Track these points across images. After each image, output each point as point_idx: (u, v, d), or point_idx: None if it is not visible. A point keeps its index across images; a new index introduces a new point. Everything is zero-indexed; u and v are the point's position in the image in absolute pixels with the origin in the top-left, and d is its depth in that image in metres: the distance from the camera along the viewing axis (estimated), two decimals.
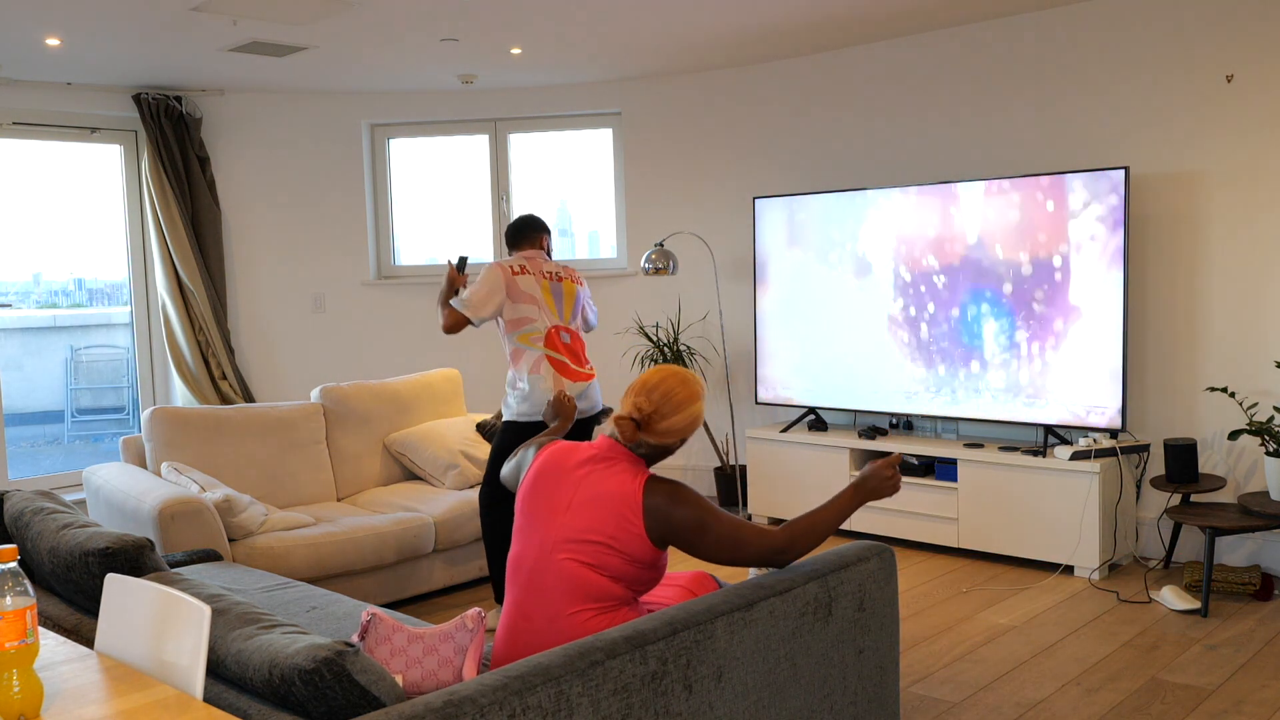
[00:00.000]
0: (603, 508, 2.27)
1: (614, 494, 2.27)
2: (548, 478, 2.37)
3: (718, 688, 2.05)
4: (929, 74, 5.29)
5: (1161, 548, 4.70)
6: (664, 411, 2.35)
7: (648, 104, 6.23)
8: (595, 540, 2.26)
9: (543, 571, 2.29)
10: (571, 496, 2.31)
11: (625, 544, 2.26)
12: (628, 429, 2.34)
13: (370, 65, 5.55)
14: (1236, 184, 4.45)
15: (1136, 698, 3.30)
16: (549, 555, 2.28)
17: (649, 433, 2.35)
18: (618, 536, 2.25)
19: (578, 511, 2.29)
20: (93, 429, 6.88)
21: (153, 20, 4.51)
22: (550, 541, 2.29)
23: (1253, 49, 4.36)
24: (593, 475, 2.32)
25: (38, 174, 6.03)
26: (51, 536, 2.47)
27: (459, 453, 4.79)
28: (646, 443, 2.36)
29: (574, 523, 2.28)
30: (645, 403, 2.35)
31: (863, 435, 5.24)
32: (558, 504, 2.32)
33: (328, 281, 6.44)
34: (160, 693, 1.67)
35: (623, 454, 2.35)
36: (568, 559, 2.26)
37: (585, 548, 2.26)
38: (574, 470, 2.35)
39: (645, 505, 2.25)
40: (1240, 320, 4.47)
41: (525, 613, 2.31)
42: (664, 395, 2.35)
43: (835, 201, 5.30)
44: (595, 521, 2.26)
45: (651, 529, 2.25)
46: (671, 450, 2.41)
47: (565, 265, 4.21)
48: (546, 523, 2.31)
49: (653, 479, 2.29)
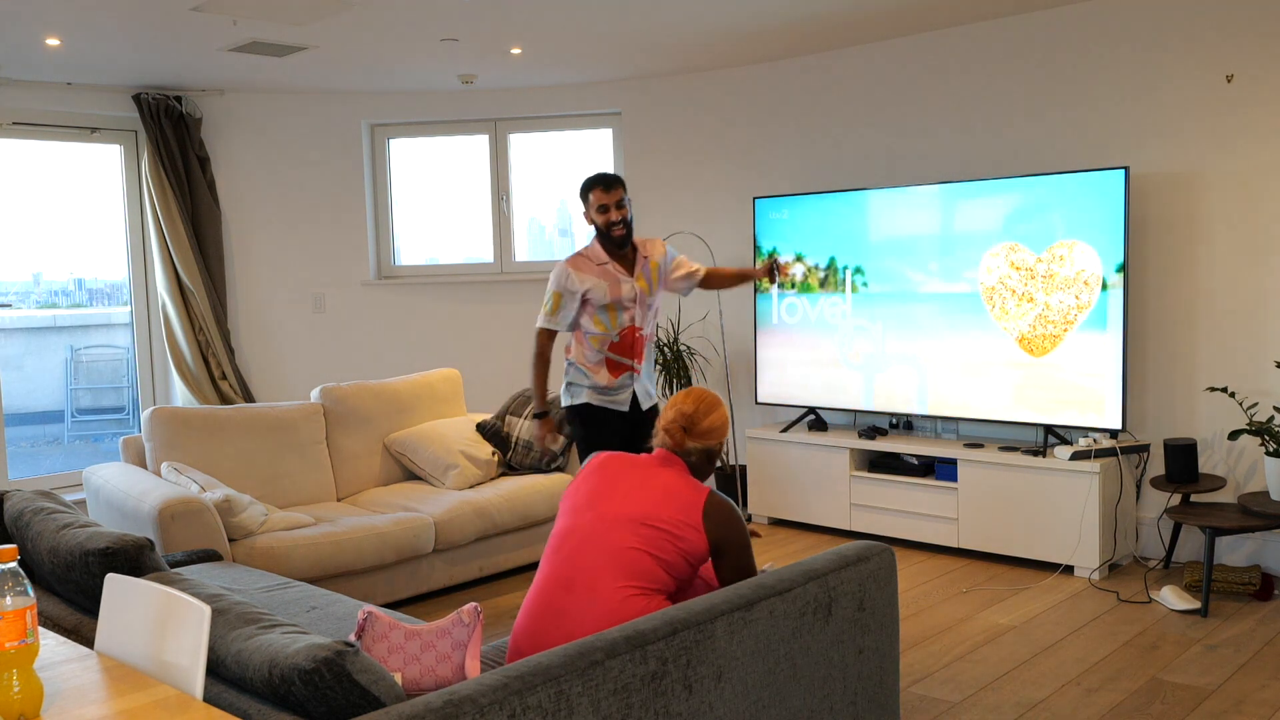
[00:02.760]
0: (668, 497, 2.43)
1: (680, 490, 2.46)
2: (609, 471, 2.54)
3: (718, 688, 2.05)
4: (929, 74, 5.29)
5: (1161, 548, 4.70)
6: (703, 410, 2.61)
7: (648, 104, 6.24)
8: (656, 525, 2.39)
9: (595, 544, 2.39)
10: (635, 485, 2.48)
11: (683, 534, 2.39)
12: (678, 433, 2.57)
13: (370, 65, 5.55)
14: (1236, 184, 4.45)
15: (1136, 698, 3.30)
16: (606, 530, 2.40)
17: (694, 435, 2.58)
18: (678, 526, 2.39)
19: (641, 496, 2.44)
20: (93, 429, 6.88)
21: (153, 20, 4.51)
22: (610, 516, 2.42)
23: (1253, 49, 4.36)
24: (657, 473, 2.52)
25: (38, 174, 6.03)
26: (51, 536, 2.47)
27: (459, 453, 4.79)
28: (694, 449, 2.59)
29: (637, 505, 2.42)
30: (687, 405, 2.61)
31: (863, 435, 5.24)
32: (619, 489, 2.48)
33: (328, 281, 6.44)
34: (160, 693, 1.67)
35: (679, 462, 2.57)
36: (625, 536, 2.38)
37: (644, 530, 2.38)
38: (638, 467, 2.54)
39: (708, 506, 2.43)
40: (1240, 320, 4.47)
41: (564, 584, 2.38)
42: (698, 399, 2.63)
43: (835, 201, 5.30)
44: (660, 508, 2.42)
45: (710, 530, 2.41)
46: (714, 457, 2.64)
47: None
48: (606, 500, 2.46)
49: (714, 493, 2.49)
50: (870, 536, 5.19)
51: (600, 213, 3.95)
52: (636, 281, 3.97)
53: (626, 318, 3.98)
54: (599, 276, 3.95)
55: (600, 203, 3.94)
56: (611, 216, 3.93)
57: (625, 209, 3.95)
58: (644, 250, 4.06)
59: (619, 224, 3.93)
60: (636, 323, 3.99)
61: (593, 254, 3.99)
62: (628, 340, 3.98)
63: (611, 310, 3.96)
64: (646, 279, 4.02)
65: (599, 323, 3.96)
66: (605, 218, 3.93)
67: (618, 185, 3.96)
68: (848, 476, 5.24)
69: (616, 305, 3.96)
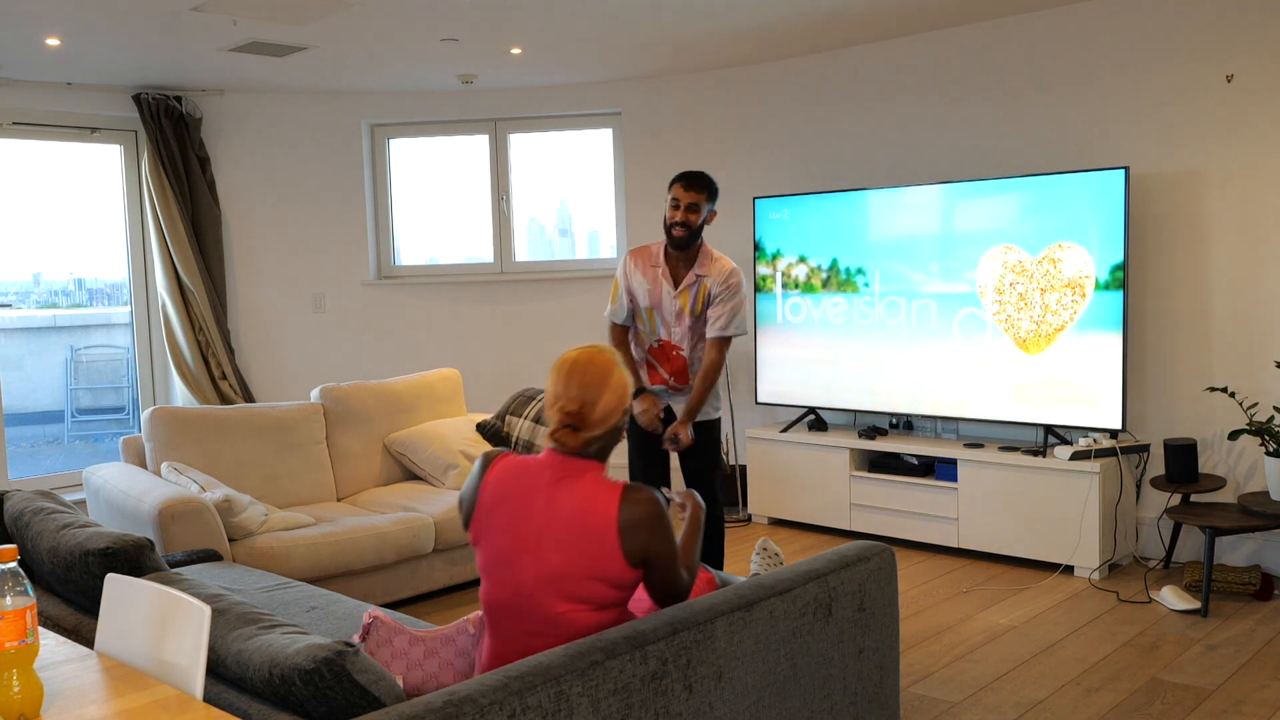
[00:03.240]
0: (579, 537, 2.06)
1: (589, 517, 2.07)
2: (509, 507, 2.14)
3: (718, 688, 2.05)
4: (929, 74, 5.29)
5: (1161, 548, 4.70)
6: (589, 399, 2.14)
7: (648, 104, 6.24)
8: (573, 575, 2.06)
9: (524, 618, 2.09)
10: (540, 528, 2.09)
11: (605, 570, 2.06)
12: (569, 438, 2.14)
13: (370, 65, 5.55)
14: (1236, 184, 4.45)
15: (1136, 698, 3.30)
16: (527, 600, 2.09)
17: (589, 427, 2.14)
18: (597, 566, 2.06)
19: (554, 546, 2.07)
20: (93, 429, 6.88)
21: (153, 20, 4.51)
22: (527, 586, 2.08)
23: (1253, 49, 4.36)
24: (559, 498, 2.11)
25: (38, 174, 6.03)
26: (51, 536, 2.47)
27: (459, 453, 4.79)
28: (594, 440, 2.16)
29: (550, 559, 2.07)
30: (569, 401, 2.15)
31: (863, 435, 5.24)
32: (528, 540, 2.10)
33: (328, 281, 6.44)
34: (160, 693, 1.67)
35: (578, 465, 2.14)
36: (547, 603, 2.07)
37: (563, 584, 2.06)
38: (537, 495, 2.12)
39: (622, 523, 2.06)
40: (1240, 320, 4.47)
41: (510, 659, 2.08)
42: (580, 386, 2.15)
43: (835, 201, 5.30)
44: (573, 554, 2.06)
45: (629, 549, 2.06)
46: (620, 429, 2.21)
47: None
48: (518, 562, 2.10)
49: (627, 490, 2.10)
50: (870, 536, 5.19)
51: (672, 207, 3.81)
52: (679, 296, 3.85)
53: (663, 330, 3.87)
54: (647, 277, 3.87)
55: (675, 197, 3.80)
56: (677, 216, 3.77)
57: (697, 214, 3.76)
58: (704, 267, 3.85)
59: (680, 225, 3.77)
60: (674, 340, 3.86)
61: (656, 250, 3.90)
62: (664, 353, 3.89)
63: (651, 315, 3.88)
64: (690, 299, 3.85)
65: (643, 322, 3.93)
66: (673, 214, 3.79)
67: (701, 188, 3.78)
68: (848, 476, 5.24)
69: (655, 312, 3.87)
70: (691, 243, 3.81)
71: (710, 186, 3.81)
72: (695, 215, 3.75)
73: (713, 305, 3.83)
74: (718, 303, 3.82)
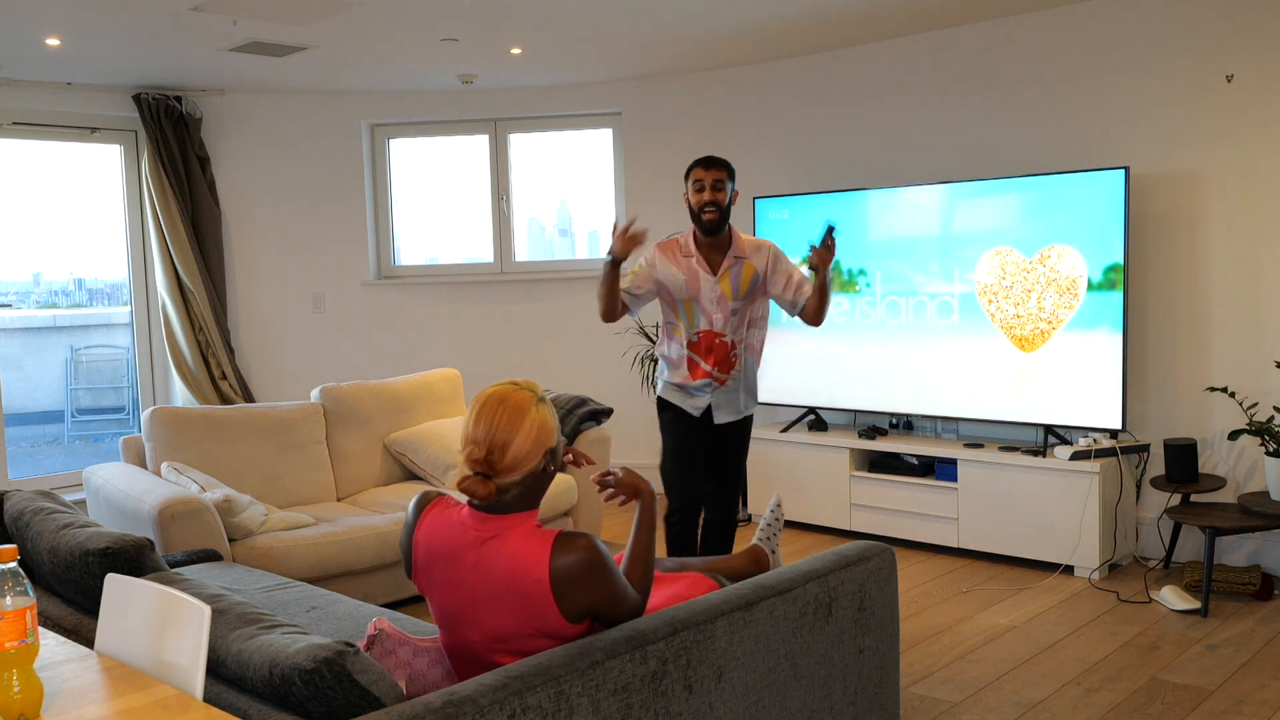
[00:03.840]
0: (513, 600, 1.93)
1: (517, 580, 1.92)
2: (443, 567, 2.02)
3: (718, 688, 2.05)
4: (929, 74, 5.29)
5: (1161, 548, 4.70)
6: (498, 443, 1.96)
7: (648, 104, 6.23)
8: (515, 636, 1.96)
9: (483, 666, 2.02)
10: (473, 592, 1.98)
11: (548, 628, 1.94)
12: (478, 487, 1.95)
13: (370, 65, 5.55)
14: (1236, 184, 4.45)
15: (1136, 698, 3.30)
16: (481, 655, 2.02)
17: (499, 474, 1.96)
18: (539, 624, 1.94)
19: (491, 610, 1.96)
20: (93, 429, 6.88)
21: (153, 20, 4.51)
22: (475, 643, 2.01)
23: (1253, 49, 4.36)
24: (488, 560, 1.96)
25: (38, 174, 6.03)
26: (51, 536, 2.47)
27: (459, 453, 4.79)
28: (511, 486, 1.98)
29: (487, 624, 1.97)
30: (475, 449, 1.98)
31: (863, 435, 5.24)
32: (463, 601, 1.99)
33: (328, 281, 6.44)
34: (160, 693, 1.67)
35: (500, 523, 1.98)
36: (502, 656, 1.98)
37: (513, 643, 1.97)
38: (466, 556, 1.99)
39: (555, 583, 1.90)
40: (1240, 320, 4.47)
41: None
42: (488, 428, 1.98)
43: (835, 201, 5.30)
44: (510, 618, 1.95)
45: (568, 609, 1.93)
46: (545, 472, 2.04)
47: None
48: (462, 621, 2.01)
49: (556, 552, 1.92)
50: (870, 536, 5.19)
51: (696, 191, 3.66)
52: (718, 282, 3.67)
53: (703, 320, 3.69)
54: (680, 268, 3.69)
55: (697, 179, 3.67)
56: (705, 196, 3.63)
57: (723, 192, 3.64)
58: (740, 249, 3.71)
59: (710, 206, 3.62)
60: (717, 328, 3.68)
61: (684, 242, 3.74)
62: (707, 344, 3.70)
63: (689, 307, 3.69)
64: (732, 283, 3.68)
65: (678, 315, 3.73)
66: (699, 197, 3.64)
67: (720, 166, 3.69)
68: (848, 476, 5.24)
69: (695, 302, 3.68)
70: (724, 225, 3.67)
71: (729, 165, 3.73)
72: (722, 194, 3.64)
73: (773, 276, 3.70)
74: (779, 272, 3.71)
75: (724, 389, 3.75)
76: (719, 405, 3.77)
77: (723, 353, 3.70)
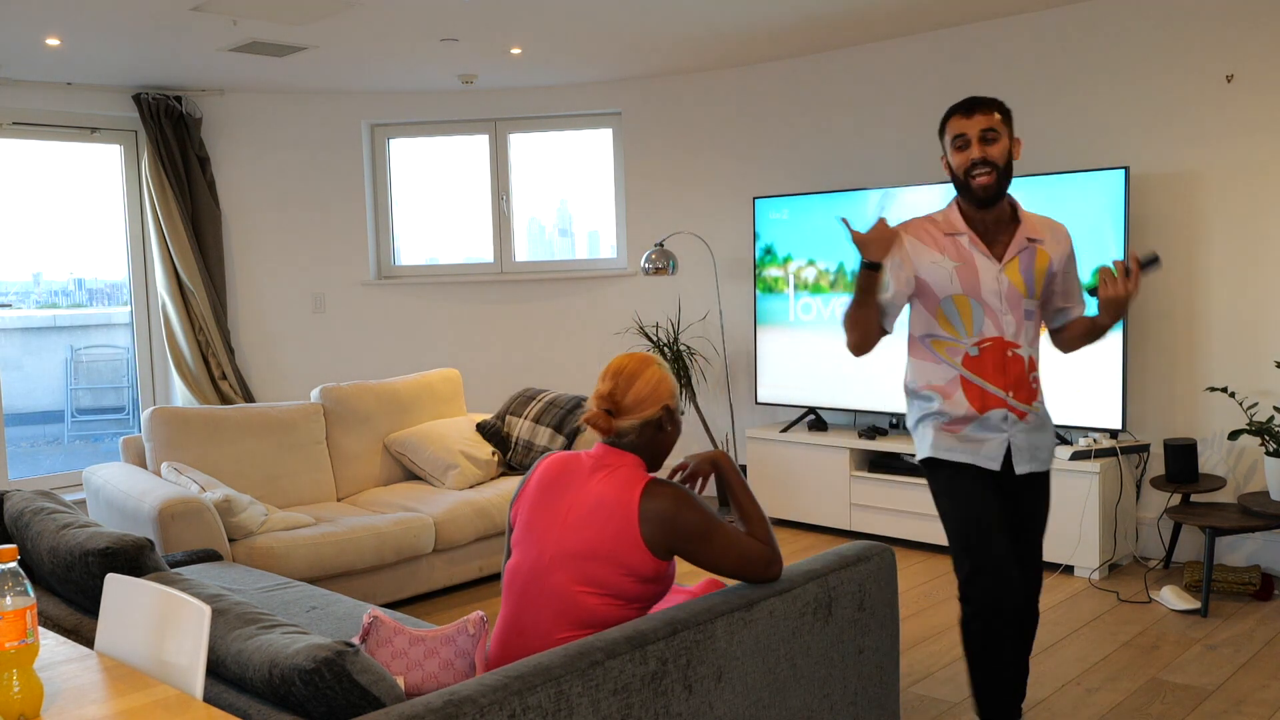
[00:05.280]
0: (602, 517, 2.16)
1: (614, 501, 2.16)
2: (550, 488, 2.28)
3: (718, 688, 2.05)
4: (929, 74, 5.29)
5: (1161, 548, 4.70)
6: (623, 386, 2.27)
7: (648, 104, 6.24)
8: (593, 556, 2.14)
9: (538, 588, 2.20)
10: (572, 507, 2.21)
11: (624, 555, 2.13)
12: (601, 419, 2.26)
13: (370, 65, 5.55)
14: (1236, 184, 4.45)
15: (1136, 698, 3.30)
16: (545, 571, 2.19)
17: (621, 414, 2.26)
18: (616, 549, 2.13)
19: (578, 524, 2.18)
20: (93, 429, 6.88)
21: (153, 20, 4.51)
22: (547, 556, 2.20)
23: (1253, 49, 4.36)
24: (593, 483, 2.22)
25: (38, 174, 6.03)
26: (51, 536, 2.47)
27: (459, 453, 4.79)
28: (630, 429, 2.26)
29: (573, 536, 2.18)
30: (604, 387, 2.29)
31: (863, 435, 5.24)
32: (558, 515, 2.23)
33: (328, 281, 6.44)
34: (160, 693, 1.67)
35: (624, 458, 2.25)
36: (563, 578, 2.16)
37: (583, 565, 2.15)
38: (577, 479, 2.25)
39: (642, 511, 2.13)
40: (1240, 320, 4.47)
41: (519, 628, 2.23)
42: (616, 373, 2.29)
43: (835, 201, 5.30)
44: (594, 533, 2.15)
45: (650, 537, 2.12)
46: (662, 426, 2.29)
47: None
48: (545, 534, 2.23)
49: (653, 483, 2.18)
50: (870, 536, 5.19)
51: (958, 149, 2.65)
52: (1004, 271, 2.67)
53: (990, 324, 2.66)
54: (945, 251, 2.70)
55: (959, 134, 2.64)
56: (973, 154, 2.61)
57: (998, 144, 2.60)
58: (1032, 229, 2.71)
59: (982, 166, 2.60)
60: (1007, 335, 2.67)
61: (944, 219, 2.74)
62: (994, 359, 2.67)
63: (963, 306, 2.67)
64: (1023, 273, 2.68)
65: (945, 322, 2.70)
66: (964, 156, 2.63)
67: (989, 107, 2.63)
68: (848, 476, 5.24)
69: (973, 299, 2.66)
70: (1003, 193, 2.66)
71: (1002, 105, 2.67)
72: (997, 146, 2.61)
73: (1067, 274, 2.78)
74: (1072, 272, 2.80)
75: (1025, 425, 2.72)
76: (1020, 449, 2.72)
77: (1018, 371, 2.70)
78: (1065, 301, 2.82)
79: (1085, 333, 2.79)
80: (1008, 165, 2.64)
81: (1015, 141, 2.66)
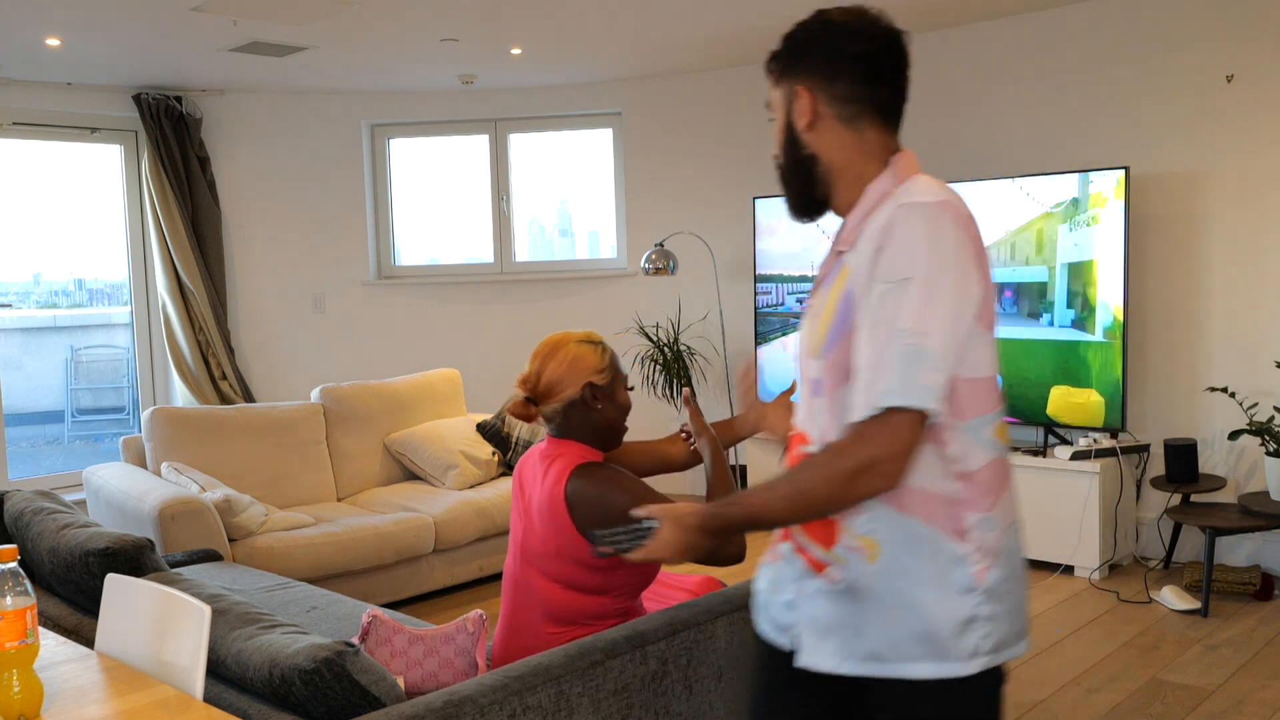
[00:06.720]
0: (546, 513, 2.13)
1: (548, 495, 2.13)
2: (522, 488, 2.26)
3: (718, 688, 2.05)
4: (929, 74, 5.29)
5: (1161, 548, 4.70)
6: (537, 370, 2.21)
7: (648, 104, 6.23)
8: (549, 552, 2.13)
9: (523, 587, 2.21)
10: (530, 504, 2.20)
11: (568, 547, 2.09)
12: (520, 408, 2.21)
13: (370, 65, 5.55)
14: (1236, 184, 4.44)
15: (1136, 698, 3.30)
16: (523, 570, 2.21)
17: (541, 400, 2.19)
18: (561, 543, 2.10)
19: (535, 521, 2.17)
20: (93, 429, 6.88)
21: (152, 20, 4.51)
22: (521, 555, 2.22)
23: (1253, 49, 4.36)
24: (544, 478, 2.17)
25: (38, 174, 6.03)
26: (51, 536, 2.47)
27: (459, 453, 4.79)
28: (554, 413, 2.19)
29: (533, 535, 2.17)
30: (523, 374, 2.25)
31: None
32: (523, 514, 2.23)
33: (328, 281, 6.44)
34: (160, 693, 1.67)
35: (565, 448, 2.17)
36: (537, 576, 2.18)
37: (545, 562, 2.14)
38: (535, 476, 2.20)
39: (569, 501, 2.07)
40: (1240, 320, 4.47)
41: (515, 626, 2.25)
42: (533, 358, 2.25)
43: None
44: (544, 530, 2.13)
45: (581, 524, 2.06)
46: (586, 406, 2.16)
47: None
48: (516, 535, 2.25)
49: (579, 469, 2.10)
50: None
51: None
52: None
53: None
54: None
55: None
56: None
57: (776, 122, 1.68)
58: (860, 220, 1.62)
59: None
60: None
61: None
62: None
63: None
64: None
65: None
66: None
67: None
68: None
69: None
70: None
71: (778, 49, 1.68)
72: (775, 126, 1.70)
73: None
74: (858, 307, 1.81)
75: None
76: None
77: None
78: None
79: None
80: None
81: (797, 93, 1.63)
